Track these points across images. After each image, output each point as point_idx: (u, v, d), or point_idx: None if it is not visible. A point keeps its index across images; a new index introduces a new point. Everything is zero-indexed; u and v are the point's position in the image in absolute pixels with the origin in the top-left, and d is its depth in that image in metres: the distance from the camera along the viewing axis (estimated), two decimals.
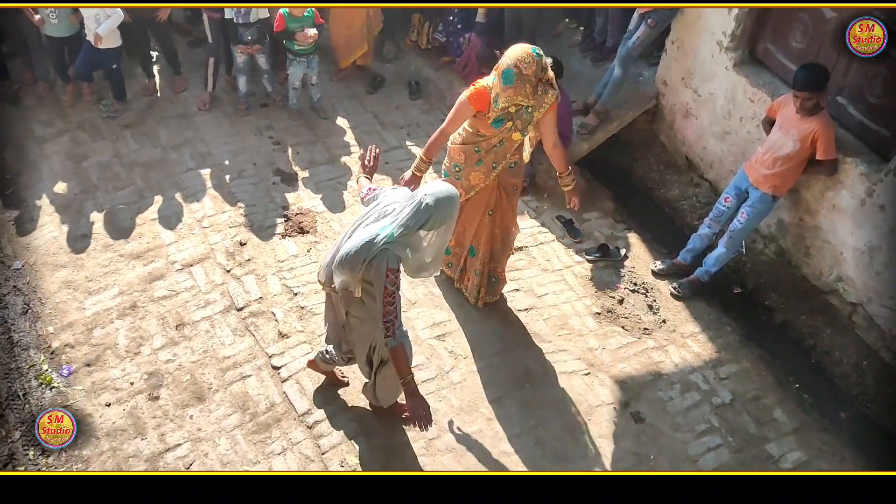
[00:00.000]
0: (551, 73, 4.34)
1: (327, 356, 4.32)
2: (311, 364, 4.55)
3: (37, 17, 6.06)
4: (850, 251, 5.06)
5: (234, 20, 6.20)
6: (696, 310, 5.33)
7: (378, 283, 3.43)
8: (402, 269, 3.51)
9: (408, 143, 6.62)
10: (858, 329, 5.14)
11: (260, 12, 6.23)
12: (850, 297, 5.16)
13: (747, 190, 5.14)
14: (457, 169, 4.64)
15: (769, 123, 5.10)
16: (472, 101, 4.33)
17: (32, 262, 5.31)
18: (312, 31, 6.25)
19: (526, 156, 4.71)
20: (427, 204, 3.37)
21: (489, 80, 4.32)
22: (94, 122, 6.49)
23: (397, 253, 3.42)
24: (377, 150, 4.07)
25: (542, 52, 4.21)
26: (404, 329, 3.65)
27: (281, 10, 6.17)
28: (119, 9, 6.05)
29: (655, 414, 4.64)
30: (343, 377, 4.61)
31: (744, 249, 5.64)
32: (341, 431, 4.36)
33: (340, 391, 4.56)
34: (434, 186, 3.46)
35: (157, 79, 7.02)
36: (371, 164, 4.03)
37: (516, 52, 4.15)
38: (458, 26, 7.05)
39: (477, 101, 4.32)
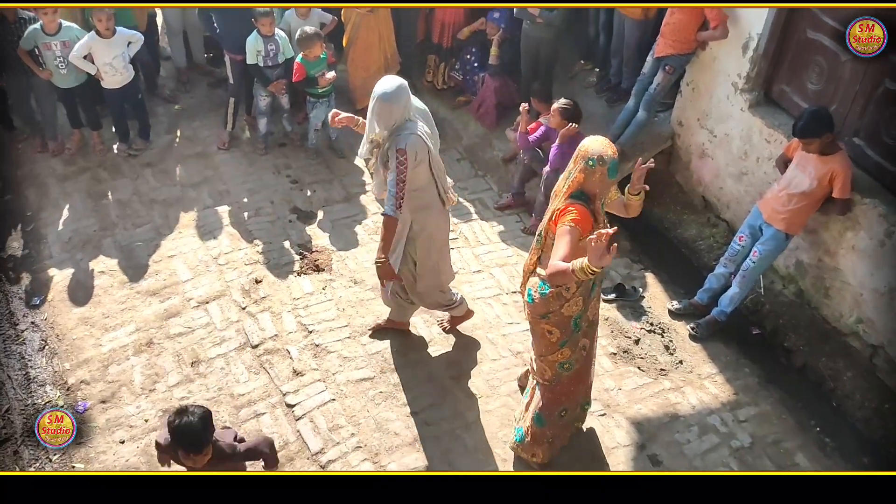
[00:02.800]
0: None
1: None
2: None
3: (45, 71, 6.08)
4: (870, 293, 5.00)
5: (263, 63, 6.30)
6: (713, 351, 5.27)
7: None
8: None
9: None
10: (880, 372, 5.07)
11: (286, 52, 6.36)
12: (871, 339, 5.09)
13: (761, 227, 5.12)
14: (577, 327, 4.02)
15: (784, 162, 5.10)
16: (582, 225, 3.62)
17: (50, 298, 5.35)
18: (331, 74, 6.38)
19: None
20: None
21: (568, 195, 3.71)
22: (114, 161, 6.58)
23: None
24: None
25: None
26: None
27: (298, 60, 6.26)
28: (138, 33, 6.25)
29: (672, 457, 4.57)
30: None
31: (762, 290, 5.60)
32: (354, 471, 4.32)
33: (353, 433, 4.54)
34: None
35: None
36: None
37: (605, 142, 3.68)
38: (475, 64, 7.14)
39: (585, 223, 3.63)
